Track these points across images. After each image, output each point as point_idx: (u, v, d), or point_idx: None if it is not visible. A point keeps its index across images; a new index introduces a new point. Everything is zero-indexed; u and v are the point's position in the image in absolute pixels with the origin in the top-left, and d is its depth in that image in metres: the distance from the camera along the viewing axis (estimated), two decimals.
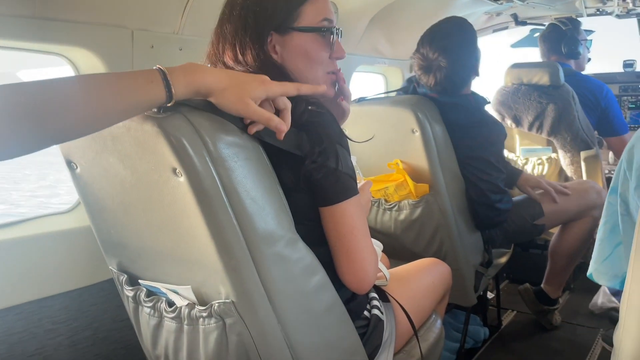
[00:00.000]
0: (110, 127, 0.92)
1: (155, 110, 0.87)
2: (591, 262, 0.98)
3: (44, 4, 1.29)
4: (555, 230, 2.41)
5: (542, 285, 2.46)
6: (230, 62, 1.11)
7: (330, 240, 1.11)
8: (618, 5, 2.79)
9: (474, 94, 2.02)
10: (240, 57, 1.10)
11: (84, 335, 1.47)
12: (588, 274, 0.98)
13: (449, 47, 1.87)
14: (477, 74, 1.98)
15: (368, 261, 1.13)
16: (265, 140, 0.97)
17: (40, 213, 1.46)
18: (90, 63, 1.45)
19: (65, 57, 1.46)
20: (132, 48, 1.48)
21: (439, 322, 1.49)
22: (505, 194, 2.04)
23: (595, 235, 2.29)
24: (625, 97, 3.40)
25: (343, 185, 1.06)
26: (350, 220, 1.08)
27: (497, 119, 2.79)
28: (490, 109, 2.85)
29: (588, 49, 2.99)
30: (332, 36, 1.15)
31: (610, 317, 2.53)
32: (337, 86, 1.22)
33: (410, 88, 2.10)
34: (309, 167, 1.01)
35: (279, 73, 1.08)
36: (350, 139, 1.12)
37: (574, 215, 2.27)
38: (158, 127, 0.86)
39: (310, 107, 1.03)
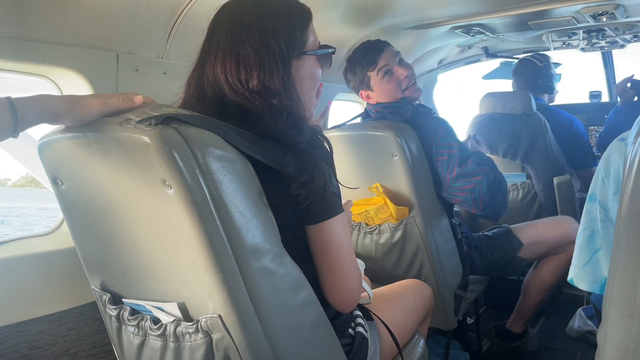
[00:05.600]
0: (101, 141, 0.93)
1: (147, 123, 0.88)
2: (571, 268, 1.01)
3: (31, 26, 1.30)
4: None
5: (506, 325, 2.47)
6: (238, 85, 1.07)
7: (316, 258, 1.12)
8: (582, 39, 2.93)
9: None
10: (263, 81, 1.06)
11: None
12: (569, 279, 1.01)
13: None
14: None
15: (353, 279, 1.15)
16: (251, 155, 0.99)
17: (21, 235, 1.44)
18: (75, 84, 1.46)
19: (49, 79, 1.46)
20: (117, 71, 1.49)
21: (422, 342, 1.50)
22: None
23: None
24: (592, 127, 3.54)
25: (329, 203, 1.07)
26: (336, 238, 1.10)
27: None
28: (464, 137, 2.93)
29: (557, 82, 3.12)
30: (332, 56, 1.21)
31: (587, 341, 2.55)
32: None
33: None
34: (294, 192, 1.03)
35: (297, 98, 1.10)
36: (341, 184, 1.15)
37: (552, 247, 2.26)
38: (149, 139, 0.86)
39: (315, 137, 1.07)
